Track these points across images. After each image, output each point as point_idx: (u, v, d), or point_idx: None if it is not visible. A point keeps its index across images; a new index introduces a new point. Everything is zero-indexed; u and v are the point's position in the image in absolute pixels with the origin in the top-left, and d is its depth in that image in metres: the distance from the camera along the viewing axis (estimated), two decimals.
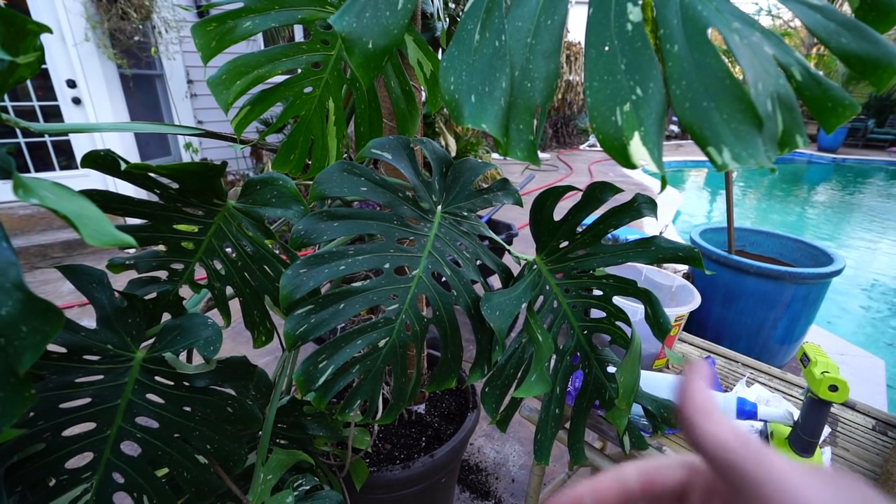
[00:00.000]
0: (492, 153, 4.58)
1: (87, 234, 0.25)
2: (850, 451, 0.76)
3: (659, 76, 0.33)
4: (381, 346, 0.59)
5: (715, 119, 0.31)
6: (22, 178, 0.27)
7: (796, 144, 0.33)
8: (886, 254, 3.90)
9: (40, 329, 0.27)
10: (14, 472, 0.49)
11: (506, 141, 0.38)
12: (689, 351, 1.05)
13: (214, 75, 0.65)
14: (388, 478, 0.86)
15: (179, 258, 0.62)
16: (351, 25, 0.41)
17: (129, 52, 3.26)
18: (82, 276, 0.51)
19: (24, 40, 0.35)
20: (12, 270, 0.26)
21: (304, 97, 0.71)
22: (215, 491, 0.57)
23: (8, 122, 0.41)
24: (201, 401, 0.55)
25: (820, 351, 0.70)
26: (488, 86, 0.37)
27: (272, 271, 0.61)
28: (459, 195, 0.65)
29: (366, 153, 0.59)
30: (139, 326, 0.54)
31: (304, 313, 0.54)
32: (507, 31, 0.38)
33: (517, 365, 0.66)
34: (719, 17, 0.33)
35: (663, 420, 0.69)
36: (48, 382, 0.49)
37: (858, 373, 1.98)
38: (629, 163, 0.33)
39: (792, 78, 0.33)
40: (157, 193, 0.55)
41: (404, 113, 0.73)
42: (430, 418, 1.06)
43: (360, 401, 0.61)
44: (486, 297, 0.59)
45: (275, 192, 0.56)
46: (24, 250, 2.87)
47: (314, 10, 0.64)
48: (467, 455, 1.48)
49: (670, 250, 0.61)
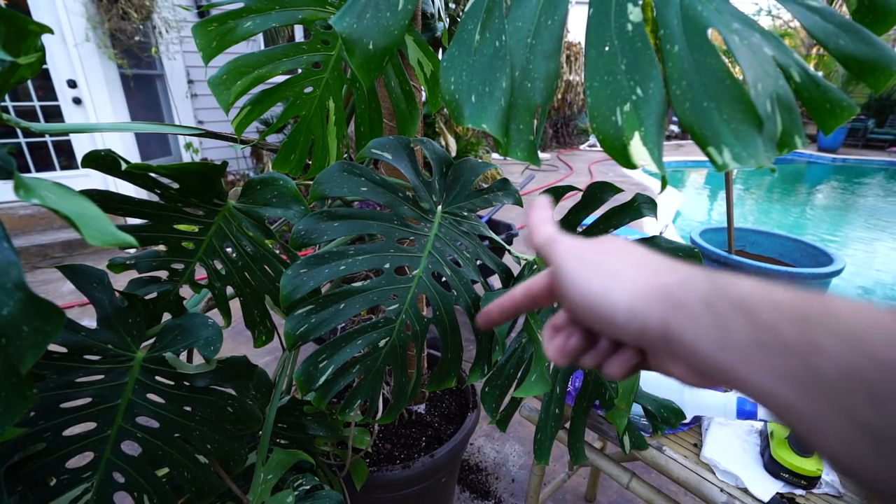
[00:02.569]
0: (492, 153, 4.58)
1: (88, 234, 0.25)
2: None
3: (659, 76, 0.33)
4: (382, 346, 0.60)
5: (715, 119, 0.31)
6: (23, 178, 0.27)
7: (795, 145, 0.33)
8: (887, 254, 3.90)
9: (42, 329, 0.27)
10: (15, 472, 0.49)
11: (506, 141, 0.38)
12: None
13: (215, 75, 0.65)
14: (389, 478, 0.86)
15: (180, 258, 0.62)
16: (351, 26, 0.42)
17: (129, 53, 3.26)
18: (83, 275, 0.51)
19: (25, 41, 0.35)
20: (13, 270, 0.26)
21: (305, 97, 0.71)
22: (215, 490, 0.57)
23: (9, 122, 0.41)
24: (202, 400, 0.55)
25: None
26: (488, 86, 0.37)
27: (272, 271, 0.61)
28: (459, 195, 0.65)
29: (366, 153, 0.59)
30: (140, 326, 0.54)
31: (304, 313, 0.54)
32: (507, 31, 0.38)
33: (517, 365, 0.66)
34: (719, 17, 0.33)
35: (663, 420, 0.69)
36: (49, 382, 0.49)
37: None
38: (629, 163, 0.33)
39: (791, 79, 0.33)
40: (157, 193, 0.55)
41: (404, 113, 0.73)
42: (430, 418, 1.06)
43: (361, 401, 0.62)
44: (487, 297, 0.59)
45: (275, 192, 0.56)
46: (25, 250, 2.87)
47: (314, 10, 0.64)
48: (467, 455, 1.48)
49: (670, 250, 0.61)
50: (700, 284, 0.21)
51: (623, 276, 0.23)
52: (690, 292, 0.20)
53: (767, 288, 0.19)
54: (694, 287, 0.21)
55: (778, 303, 0.18)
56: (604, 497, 1.33)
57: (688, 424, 0.82)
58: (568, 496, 1.33)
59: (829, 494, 0.67)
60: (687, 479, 0.70)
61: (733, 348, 0.18)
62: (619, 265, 0.24)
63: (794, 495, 0.67)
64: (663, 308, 0.21)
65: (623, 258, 0.25)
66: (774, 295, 0.18)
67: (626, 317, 0.22)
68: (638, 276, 0.23)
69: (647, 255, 0.25)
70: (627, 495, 1.33)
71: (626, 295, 0.22)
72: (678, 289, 0.21)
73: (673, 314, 0.21)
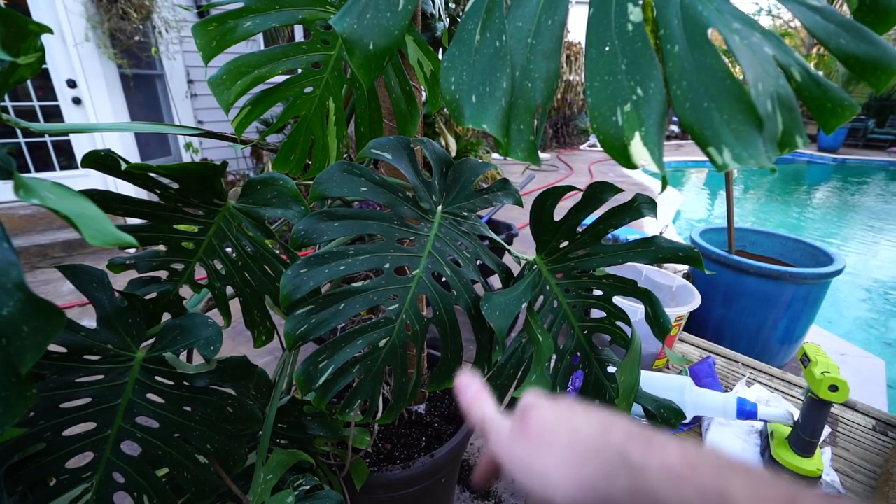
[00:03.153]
0: (492, 153, 4.58)
1: (88, 234, 0.25)
2: (850, 451, 0.76)
3: (659, 76, 0.33)
4: (382, 346, 0.59)
5: (715, 119, 0.31)
6: (23, 178, 0.27)
7: (796, 145, 0.33)
8: (887, 254, 3.90)
9: (42, 329, 0.27)
10: (15, 472, 0.49)
11: (506, 141, 0.38)
12: (689, 351, 1.05)
13: (215, 75, 0.65)
14: (389, 478, 0.86)
15: (180, 258, 0.62)
16: (352, 26, 0.41)
17: (129, 52, 3.25)
18: (83, 276, 0.51)
19: (24, 41, 0.35)
20: (13, 270, 0.26)
21: (305, 97, 0.71)
22: (215, 491, 0.57)
23: (8, 122, 0.41)
24: (201, 401, 0.55)
25: (820, 351, 0.70)
26: (489, 86, 0.37)
27: (272, 271, 0.61)
28: (460, 195, 0.65)
29: (366, 153, 0.59)
30: (139, 326, 0.54)
31: (304, 313, 0.54)
32: (507, 31, 0.38)
33: (517, 365, 0.66)
34: (720, 17, 0.33)
35: (663, 420, 0.69)
36: (49, 382, 0.49)
37: (858, 373, 1.98)
38: (630, 163, 0.33)
39: (791, 78, 0.33)
40: (157, 193, 0.55)
41: (404, 113, 0.73)
42: (430, 418, 1.06)
43: (361, 401, 0.62)
44: (487, 297, 0.59)
45: (275, 192, 0.56)
46: (25, 250, 2.87)
47: (314, 10, 0.64)
48: (467, 455, 1.48)
49: (670, 250, 0.61)
50: (621, 481, 0.23)
51: (552, 475, 0.25)
52: (614, 487, 0.23)
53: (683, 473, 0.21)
54: (617, 482, 0.23)
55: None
56: None
57: (688, 424, 0.82)
58: None
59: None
60: None
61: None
62: (546, 460, 0.26)
63: None
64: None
65: (552, 447, 0.26)
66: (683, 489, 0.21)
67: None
68: (567, 474, 0.24)
69: (574, 433, 0.26)
70: None
71: (560, 494, 0.24)
72: (604, 487, 0.23)
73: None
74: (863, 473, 0.71)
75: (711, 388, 0.86)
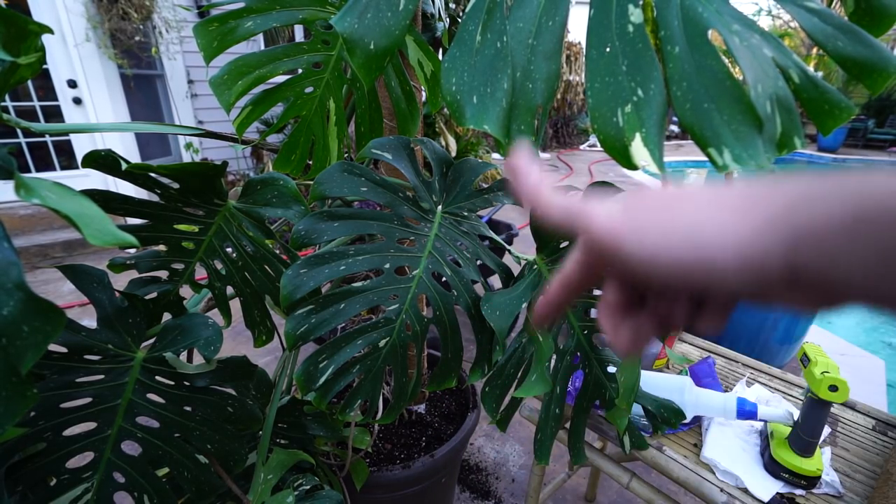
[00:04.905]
0: (492, 153, 4.58)
1: (89, 234, 0.25)
2: (850, 452, 0.76)
3: (660, 77, 0.33)
4: (382, 346, 0.60)
5: (716, 120, 0.31)
6: (23, 178, 0.27)
7: (795, 146, 0.33)
8: None
9: (42, 329, 0.27)
10: (15, 472, 0.49)
11: (507, 141, 0.38)
12: (689, 351, 1.05)
13: (217, 75, 0.65)
14: (389, 478, 0.86)
15: (180, 258, 0.62)
16: (353, 26, 0.42)
17: (129, 53, 3.25)
18: (83, 275, 0.51)
19: (25, 41, 0.35)
20: (14, 270, 0.26)
21: (305, 97, 0.71)
22: (216, 490, 0.57)
23: (9, 123, 0.41)
24: (202, 400, 0.55)
25: (820, 351, 0.70)
26: (490, 86, 0.37)
27: (273, 271, 0.61)
28: (460, 195, 0.65)
29: (366, 153, 0.59)
30: (140, 326, 0.54)
31: (304, 313, 0.54)
32: (508, 32, 0.38)
33: (517, 365, 0.66)
34: (720, 18, 0.33)
35: (663, 420, 0.69)
36: (49, 382, 0.49)
37: (858, 373, 1.98)
38: (630, 163, 0.33)
39: (790, 80, 0.33)
40: (157, 193, 0.55)
41: (405, 113, 0.73)
42: (430, 418, 1.06)
43: (361, 401, 0.62)
44: (487, 297, 0.59)
45: (275, 192, 0.56)
46: (25, 250, 2.87)
47: (315, 10, 0.64)
48: (467, 455, 1.48)
49: None
50: (832, 202, 0.16)
51: (710, 217, 0.18)
52: (828, 213, 0.16)
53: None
54: (823, 206, 0.16)
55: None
56: (604, 497, 1.33)
57: (688, 424, 0.82)
58: (568, 496, 1.33)
59: (829, 494, 0.67)
60: (687, 480, 0.70)
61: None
62: (694, 216, 0.19)
63: (794, 495, 0.67)
64: (786, 239, 0.16)
65: (695, 203, 0.19)
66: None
67: (736, 262, 0.17)
68: (731, 220, 0.18)
69: (721, 190, 0.19)
70: (627, 495, 1.33)
71: (730, 233, 0.18)
72: (806, 209, 0.16)
73: (806, 245, 0.16)
74: (863, 473, 0.71)
75: (711, 388, 0.86)
